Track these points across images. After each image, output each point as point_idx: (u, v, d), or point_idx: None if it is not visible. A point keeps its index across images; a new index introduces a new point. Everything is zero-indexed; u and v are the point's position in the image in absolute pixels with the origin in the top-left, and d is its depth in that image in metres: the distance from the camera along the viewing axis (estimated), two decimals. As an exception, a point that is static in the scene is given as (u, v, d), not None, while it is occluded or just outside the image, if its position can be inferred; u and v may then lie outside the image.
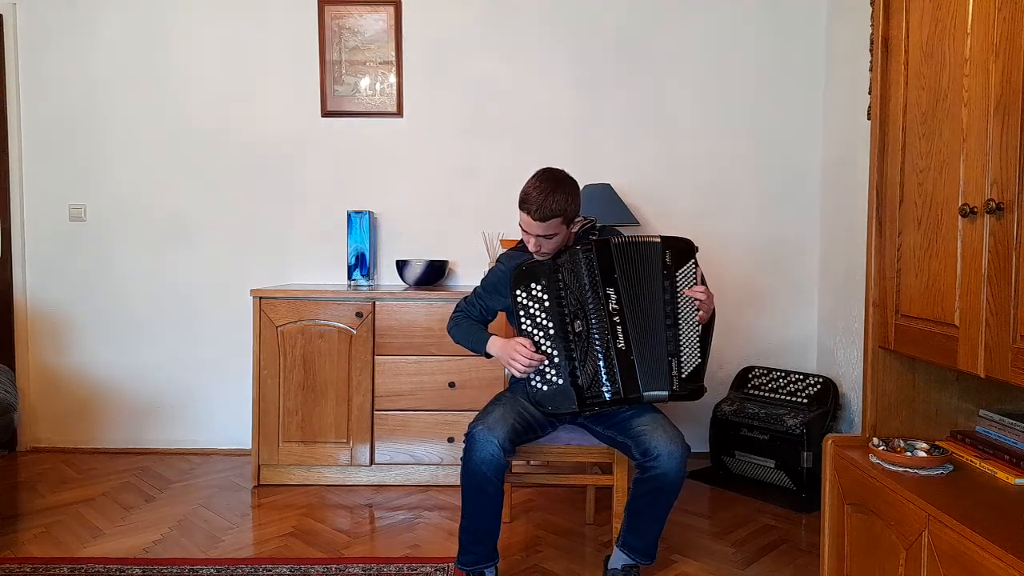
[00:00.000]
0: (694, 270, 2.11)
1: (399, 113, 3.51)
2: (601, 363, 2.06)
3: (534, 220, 2.06)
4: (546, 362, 2.08)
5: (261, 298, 3.07)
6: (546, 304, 2.09)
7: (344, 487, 3.10)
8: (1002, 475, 1.58)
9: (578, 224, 2.20)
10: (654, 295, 2.08)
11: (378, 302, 3.08)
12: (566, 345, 2.07)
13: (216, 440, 3.57)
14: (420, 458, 3.10)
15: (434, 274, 3.31)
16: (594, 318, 2.06)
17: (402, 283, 3.40)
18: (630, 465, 2.18)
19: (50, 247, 3.55)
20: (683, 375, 2.07)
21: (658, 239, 2.10)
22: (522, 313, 2.10)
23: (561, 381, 2.07)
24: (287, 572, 2.28)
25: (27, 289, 3.56)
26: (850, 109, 3.20)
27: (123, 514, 2.78)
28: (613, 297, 2.07)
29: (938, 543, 1.36)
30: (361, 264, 3.39)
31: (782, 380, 3.26)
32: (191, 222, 3.55)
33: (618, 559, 2.12)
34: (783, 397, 3.19)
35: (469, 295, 2.38)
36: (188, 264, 3.55)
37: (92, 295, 3.56)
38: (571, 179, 2.12)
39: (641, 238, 2.11)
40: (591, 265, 2.07)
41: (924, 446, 1.67)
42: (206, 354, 3.56)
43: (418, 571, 2.29)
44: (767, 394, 3.25)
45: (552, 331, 2.08)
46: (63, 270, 3.56)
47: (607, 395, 2.06)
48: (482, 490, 2.01)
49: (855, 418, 3.07)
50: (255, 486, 3.09)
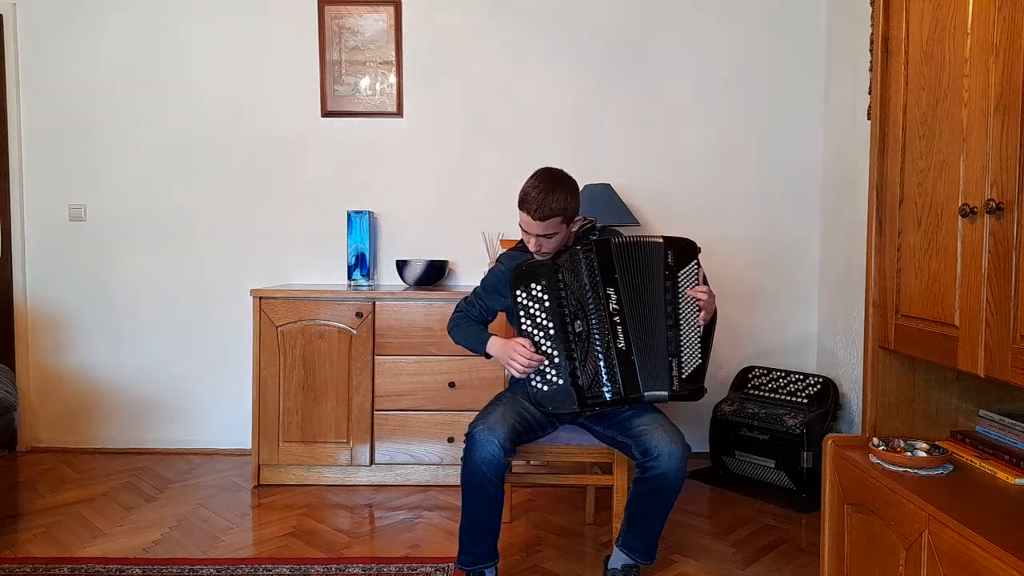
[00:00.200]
0: (696, 271, 2.10)
1: (399, 113, 3.51)
2: (601, 363, 2.06)
3: (534, 220, 2.06)
4: (546, 362, 2.08)
5: (261, 298, 3.07)
6: (546, 304, 2.09)
7: (344, 487, 3.10)
8: (1002, 475, 1.58)
9: (578, 223, 2.20)
10: (655, 295, 2.08)
11: (378, 302, 3.08)
12: (566, 345, 2.07)
13: (216, 440, 3.57)
14: (420, 458, 3.10)
15: (434, 274, 3.32)
16: (594, 318, 2.06)
17: (402, 283, 3.40)
18: (630, 465, 2.18)
19: (50, 247, 3.55)
20: (683, 375, 2.07)
21: (660, 239, 2.10)
22: (522, 313, 2.10)
23: (561, 381, 2.07)
24: (287, 572, 2.28)
25: (27, 289, 3.56)
26: (850, 109, 3.20)
27: (123, 514, 2.78)
28: (613, 297, 2.07)
29: (938, 543, 1.36)
30: (361, 264, 3.39)
31: (782, 380, 3.26)
32: (191, 222, 3.55)
33: (618, 559, 2.12)
34: (783, 397, 3.19)
35: (469, 295, 2.38)
36: (188, 264, 3.55)
37: (92, 295, 3.56)
38: (570, 178, 2.12)
39: (643, 238, 2.10)
40: (591, 265, 2.07)
41: (924, 446, 1.67)
42: (206, 354, 3.56)
43: (418, 571, 2.29)
44: (767, 394, 3.25)
45: (552, 331, 2.08)
46: (63, 270, 3.56)
47: (607, 395, 2.06)
48: (482, 490, 2.01)
49: (855, 418, 3.07)
50: (255, 486, 3.09)
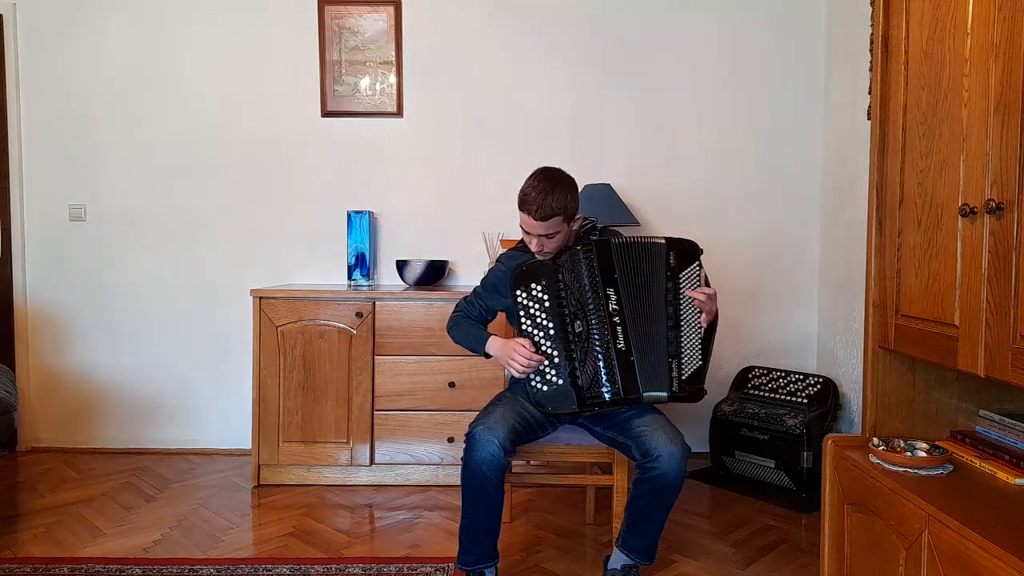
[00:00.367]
0: (698, 272, 2.10)
1: (399, 113, 3.51)
2: (601, 363, 2.06)
3: (535, 220, 2.06)
4: (546, 362, 2.08)
5: (261, 298, 3.07)
6: (546, 304, 2.09)
7: (344, 487, 3.10)
8: (1002, 475, 1.58)
9: (578, 222, 2.20)
10: (656, 296, 2.08)
11: (378, 302, 3.08)
12: (566, 345, 2.07)
13: (216, 440, 3.57)
14: (420, 458, 3.10)
15: (434, 274, 3.31)
16: (594, 318, 2.06)
17: (402, 283, 3.40)
18: (630, 465, 2.17)
19: (50, 247, 3.55)
20: (683, 376, 2.07)
21: (662, 240, 2.09)
22: (522, 313, 2.10)
23: (561, 381, 2.07)
24: (287, 572, 2.28)
25: (27, 289, 3.56)
26: (850, 109, 3.20)
27: (123, 514, 2.78)
28: (613, 297, 2.07)
29: (938, 543, 1.36)
30: (361, 264, 3.39)
31: (782, 380, 3.26)
32: (191, 222, 3.55)
33: (618, 559, 2.12)
34: (783, 397, 3.19)
35: (469, 295, 2.38)
36: (188, 264, 3.55)
37: (92, 295, 3.56)
38: (568, 176, 2.12)
39: (645, 239, 2.10)
40: (591, 265, 2.07)
41: (924, 446, 1.67)
42: (206, 354, 3.56)
43: (418, 571, 2.29)
44: (767, 394, 3.25)
45: (552, 331, 2.08)
46: (63, 270, 3.56)
47: (607, 395, 2.06)
48: (482, 490, 2.01)
49: (855, 418, 3.07)
50: (255, 486, 3.09)
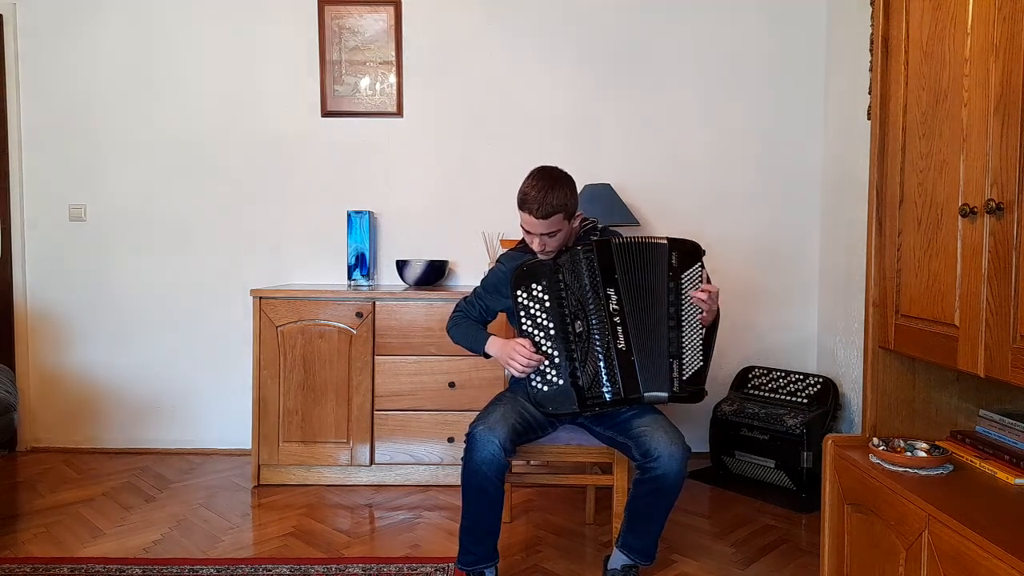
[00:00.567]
0: (700, 272, 2.10)
1: (399, 113, 3.51)
2: (601, 363, 2.06)
3: (536, 219, 2.06)
4: (546, 362, 2.08)
5: (261, 298, 3.07)
6: (547, 304, 2.09)
7: (344, 487, 3.10)
8: (1002, 475, 1.58)
9: (578, 220, 2.20)
10: (657, 296, 2.08)
11: (378, 302, 3.08)
12: (566, 345, 2.07)
13: (216, 440, 3.57)
14: (420, 458, 3.10)
15: (434, 274, 3.31)
16: (594, 318, 2.06)
17: (402, 283, 3.40)
18: (630, 465, 2.17)
19: (50, 247, 3.55)
20: (684, 377, 2.07)
21: (664, 240, 2.09)
22: (523, 313, 2.10)
23: (561, 381, 2.07)
24: (287, 572, 2.28)
25: (27, 289, 3.56)
26: (850, 109, 3.20)
27: (123, 514, 2.78)
28: (614, 297, 2.07)
29: (938, 543, 1.36)
30: (361, 264, 3.39)
31: (782, 380, 3.26)
32: (191, 222, 3.55)
33: (617, 559, 2.12)
34: (783, 397, 3.19)
35: (469, 295, 2.38)
36: (188, 264, 3.55)
37: (92, 295, 3.56)
38: (567, 174, 2.13)
39: (647, 239, 2.10)
40: (591, 265, 2.07)
41: (924, 446, 1.67)
42: (206, 354, 3.56)
43: (418, 571, 2.29)
44: (767, 394, 3.25)
45: (552, 331, 2.08)
46: (63, 270, 3.56)
47: (607, 395, 2.06)
48: (482, 490, 2.01)
49: (855, 418, 3.07)
50: (255, 486, 3.09)
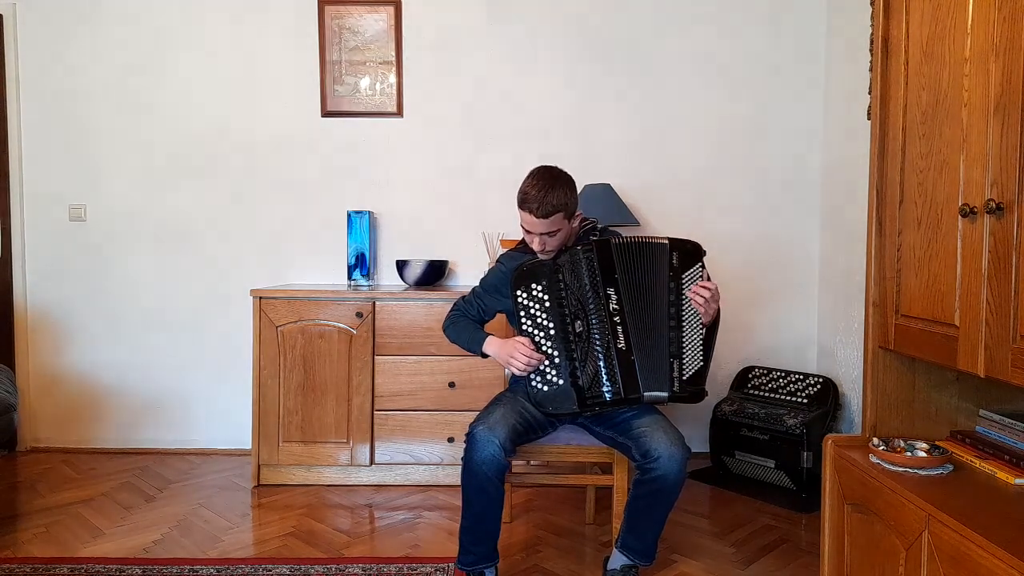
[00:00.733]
0: (701, 273, 2.10)
1: (399, 113, 3.51)
2: (601, 363, 2.06)
3: (537, 218, 2.06)
4: (546, 362, 2.08)
5: (261, 298, 3.07)
6: (547, 304, 2.09)
7: (344, 487, 3.10)
8: (1002, 475, 1.58)
9: (578, 219, 2.20)
10: (658, 296, 2.08)
11: (378, 302, 3.08)
12: (566, 345, 2.07)
13: (216, 440, 3.57)
14: (420, 458, 3.10)
15: (434, 274, 3.31)
16: (594, 318, 2.06)
17: (402, 283, 3.40)
18: (630, 465, 2.17)
19: (50, 247, 3.55)
20: (684, 377, 2.06)
21: (665, 240, 2.10)
22: (523, 313, 2.10)
23: (561, 381, 2.07)
24: (287, 572, 2.28)
25: (27, 289, 3.56)
26: (850, 109, 3.20)
27: (123, 514, 2.78)
28: (614, 297, 2.07)
29: (938, 543, 1.36)
30: (361, 264, 3.39)
31: (782, 380, 3.26)
32: (191, 222, 3.55)
33: (617, 560, 2.12)
34: (783, 397, 3.19)
35: (467, 294, 2.38)
36: (188, 264, 3.55)
37: (92, 295, 3.56)
38: (566, 174, 2.13)
39: (647, 239, 2.10)
40: (591, 265, 2.07)
41: (924, 446, 1.67)
42: (206, 354, 3.56)
43: (418, 571, 2.29)
44: (767, 394, 3.25)
45: (552, 331, 2.08)
46: (63, 270, 3.56)
47: (607, 395, 2.06)
48: (483, 490, 2.01)
49: (855, 418, 3.07)
50: (255, 486, 3.09)
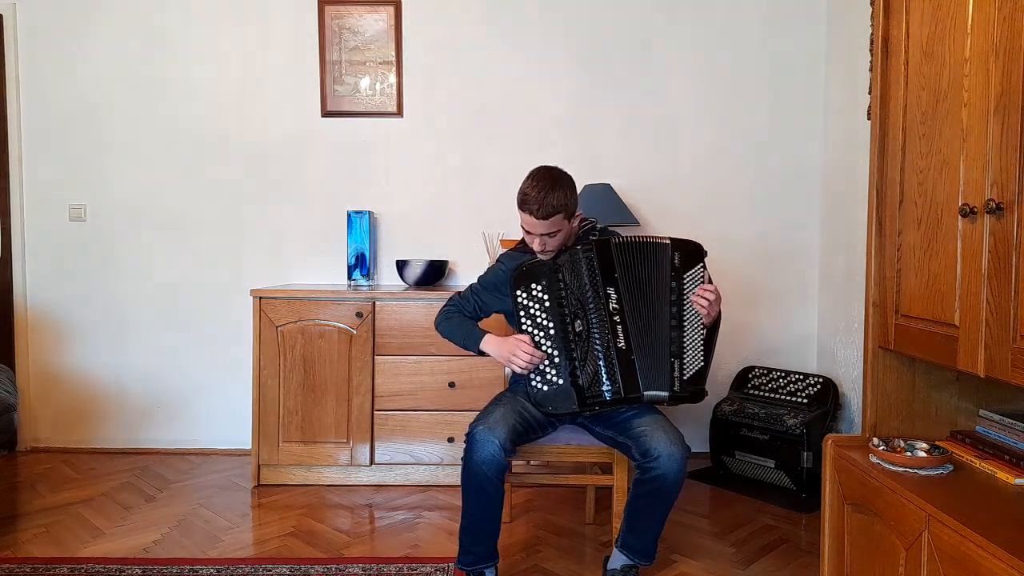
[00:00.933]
0: (702, 273, 2.10)
1: (399, 113, 3.51)
2: (601, 362, 2.06)
3: (537, 219, 2.06)
4: (546, 362, 2.08)
5: (261, 298, 3.07)
6: (546, 304, 2.09)
7: (344, 487, 3.10)
8: (1002, 475, 1.58)
9: (578, 219, 2.20)
10: (659, 296, 2.08)
11: (378, 302, 3.08)
12: (566, 345, 2.07)
13: (216, 440, 3.57)
14: (420, 458, 3.10)
15: (434, 274, 3.31)
16: (594, 317, 2.06)
17: (402, 283, 3.40)
18: (630, 465, 2.17)
19: (50, 247, 3.55)
20: (685, 376, 2.06)
21: (667, 240, 2.10)
22: (522, 313, 2.10)
23: (561, 381, 2.07)
24: (287, 572, 2.28)
25: (27, 289, 3.55)
26: (850, 109, 3.20)
27: (123, 514, 2.78)
28: (613, 296, 2.07)
29: (938, 543, 1.36)
30: (361, 264, 3.39)
31: (782, 380, 3.26)
32: (191, 222, 3.55)
33: (617, 559, 2.11)
34: (783, 397, 3.19)
35: (464, 290, 2.37)
36: (188, 264, 3.55)
37: (92, 295, 3.56)
38: (566, 174, 2.13)
39: (648, 238, 2.10)
40: (591, 264, 2.07)
41: (924, 446, 1.67)
42: (206, 354, 3.56)
43: (418, 571, 2.29)
44: (767, 394, 3.25)
45: (552, 331, 2.08)
46: (63, 270, 3.56)
47: (607, 394, 2.06)
48: (482, 490, 2.01)
49: (855, 418, 3.07)
50: (255, 486, 3.09)
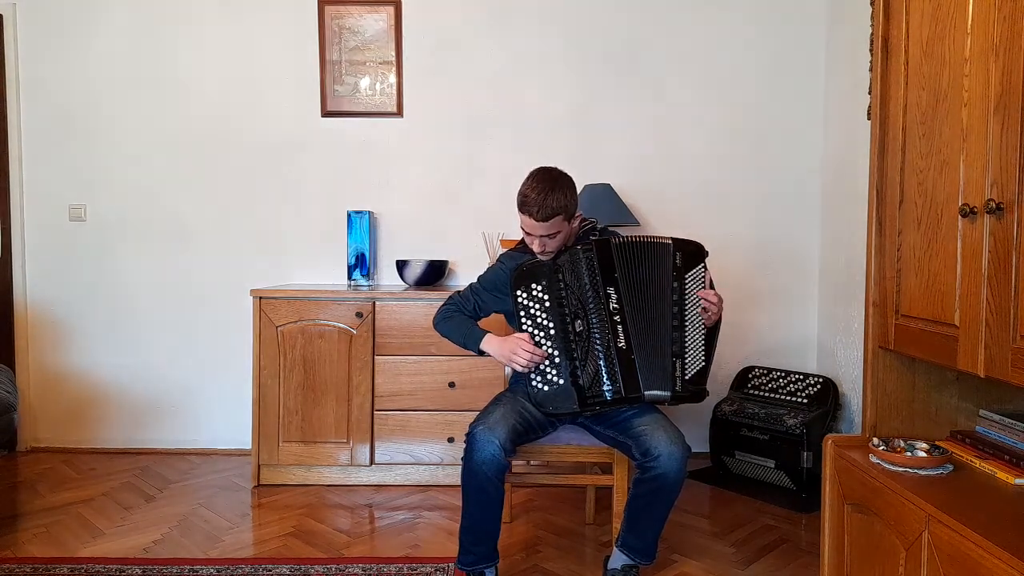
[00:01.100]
0: (703, 273, 2.10)
1: (399, 113, 3.51)
2: (602, 362, 2.06)
3: (536, 221, 2.06)
4: (546, 362, 2.08)
5: (261, 298, 3.07)
6: (547, 304, 2.09)
7: (344, 487, 3.10)
8: (1002, 475, 1.58)
9: (578, 219, 2.20)
10: (661, 296, 2.08)
11: (378, 302, 3.08)
12: (567, 345, 2.07)
13: (216, 440, 3.57)
14: (420, 458, 3.10)
15: (434, 274, 3.31)
16: (594, 317, 2.06)
17: (402, 283, 3.39)
18: (630, 465, 2.17)
19: (50, 247, 3.55)
20: (686, 376, 2.06)
21: (669, 240, 2.10)
22: (523, 313, 2.10)
23: (562, 381, 2.07)
24: (287, 572, 2.28)
25: (27, 289, 3.55)
26: (850, 109, 3.20)
27: (123, 514, 2.78)
28: (614, 296, 2.07)
29: (938, 543, 1.36)
30: (361, 264, 3.39)
31: (782, 380, 3.26)
32: (191, 222, 3.55)
33: (618, 559, 2.12)
34: (783, 397, 3.19)
35: (463, 290, 2.36)
36: (188, 264, 3.55)
37: (92, 295, 3.56)
38: (566, 175, 2.13)
39: (650, 238, 2.10)
40: (591, 264, 2.07)
41: (924, 446, 1.67)
42: (206, 354, 3.56)
43: (418, 571, 2.29)
44: (767, 394, 3.25)
45: (553, 331, 2.08)
46: (63, 270, 3.56)
47: (608, 394, 2.06)
48: (482, 490, 2.01)
49: (855, 418, 3.07)
50: (255, 486, 3.09)
